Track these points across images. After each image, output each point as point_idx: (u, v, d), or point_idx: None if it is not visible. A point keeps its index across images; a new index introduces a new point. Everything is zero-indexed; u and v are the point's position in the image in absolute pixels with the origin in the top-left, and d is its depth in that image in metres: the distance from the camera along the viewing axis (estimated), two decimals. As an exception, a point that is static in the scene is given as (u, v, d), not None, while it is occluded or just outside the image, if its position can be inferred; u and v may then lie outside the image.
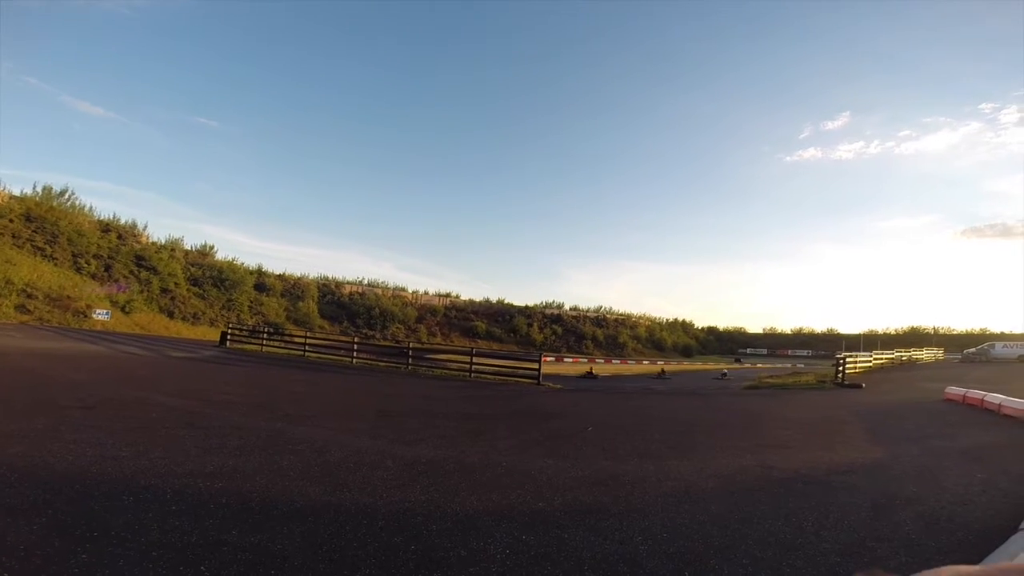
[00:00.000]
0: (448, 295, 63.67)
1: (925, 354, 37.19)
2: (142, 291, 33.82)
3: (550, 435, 7.66)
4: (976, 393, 12.01)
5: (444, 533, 3.51)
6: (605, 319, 69.86)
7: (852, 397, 14.57)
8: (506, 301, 66.34)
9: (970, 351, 38.18)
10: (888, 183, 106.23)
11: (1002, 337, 51.07)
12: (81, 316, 27.51)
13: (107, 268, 33.42)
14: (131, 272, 34.55)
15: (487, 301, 65.73)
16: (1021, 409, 9.61)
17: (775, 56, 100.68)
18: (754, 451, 6.96)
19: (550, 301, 68.85)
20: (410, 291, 60.54)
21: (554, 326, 63.67)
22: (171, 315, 34.70)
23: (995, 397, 11.08)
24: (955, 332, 68.60)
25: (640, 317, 74.85)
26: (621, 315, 72.61)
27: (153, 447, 5.06)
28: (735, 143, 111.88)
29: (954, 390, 13.29)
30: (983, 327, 67.74)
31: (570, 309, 69.16)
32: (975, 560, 3.04)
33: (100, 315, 28.38)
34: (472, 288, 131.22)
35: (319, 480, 4.49)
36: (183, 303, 36.42)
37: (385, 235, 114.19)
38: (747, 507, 4.45)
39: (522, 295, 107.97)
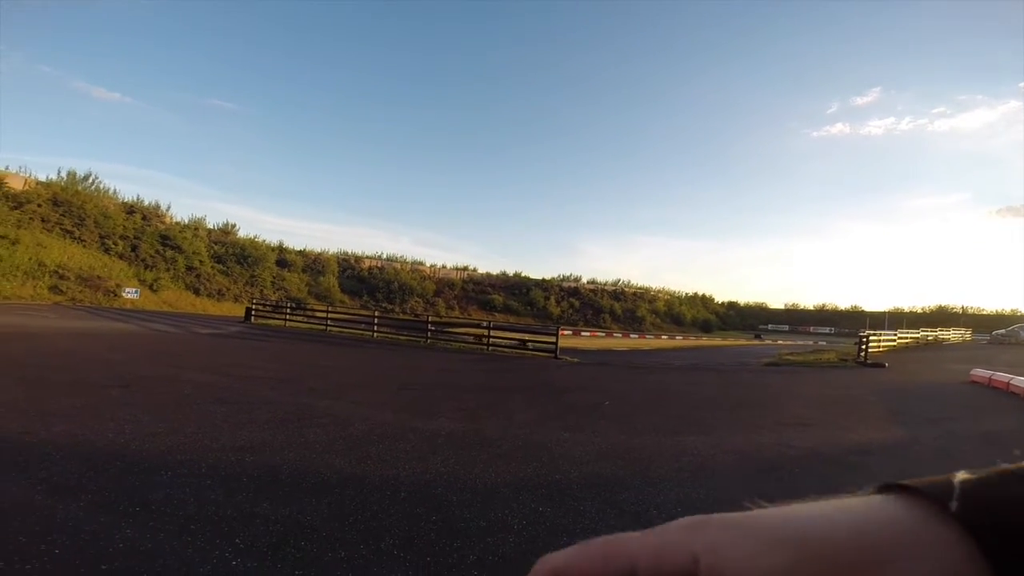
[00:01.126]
0: (465, 268, 63.89)
1: (952, 334, 36.30)
2: (168, 269, 34.70)
3: (567, 408, 7.78)
4: (1002, 376, 11.75)
5: (464, 504, 3.64)
6: (623, 293, 69.43)
7: (874, 376, 14.38)
8: (523, 274, 66.37)
9: (999, 332, 37.06)
10: (919, 160, 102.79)
11: None
12: (111, 295, 28.40)
13: (134, 248, 34.28)
14: (157, 252, 35.39)
15: (504, 274, 65.80)
16: None
17: (803, 30, 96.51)
18: (771, 428, 6.98)
19: (567, 274, 68.62)
20: (428, 265, 60.88)
21: (571, 299, 63.59)
22: (197, 292, 35.62)
23: (1021, 381, 10.85)
24: (984, 312, 66.80)
25: (659, 291, 74.23)
26: (640, 289, 72.07)
27: (187, 423, 5.28)
28: (761, 117, 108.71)
29: (980, 372, 13.02)
30: (1014, 308, 65.80)
31: (588, 282, 68.85)
32: None
33: (129, 293, 29.26)
34: (489, 262, 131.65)
35: (344, 453, 4.66)
36: (208, 280, 37.29)
37: (402, 210, 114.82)
38: (762, 485, 4.50)
39: (539, 268, 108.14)
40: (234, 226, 46.70)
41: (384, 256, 58.83)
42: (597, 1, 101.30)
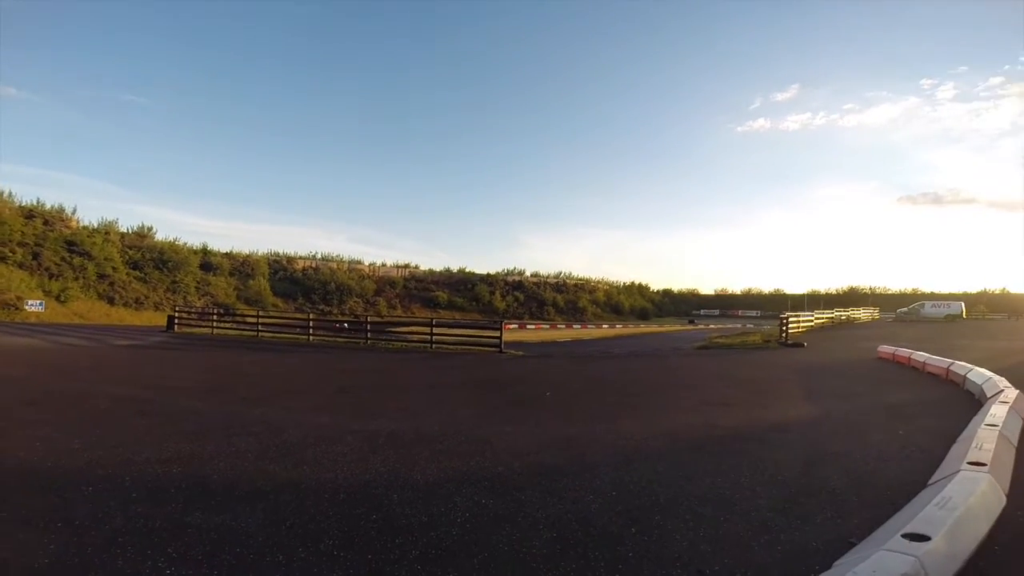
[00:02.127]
0: (407, 266, 62.85)
1: (863, 313, 39.26)
2: (77, 278, 31.81)
3: (510, 401, 7.89)
4: (904, 352, 12.77)
5: (405, 502, 3.64)
6: (565, 284, 70.78)
7: (794, 356, 15.34)
8: (467, 269, 66.22)
9: (903, 310, 40.83)
10: (831, 153, 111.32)
11: (931, 297, 54.68)
12: (12, 308, 25.76)
13: (35, 256, 31.17)
14: (63, 259, 32.34)
15: (447, 271, 65.40)
16: (942, 367, 10.26)
17: (729, 25, 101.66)
18: (700, 410, 7.34)
19: (511, 268, 69.11)
20: (366, 263, 59.37)
21: (516, 293, 64.13)
22: (111, 301, 32.93)
23: (920, 355, 11.79)
24: (890, 292, 73.18)
25: (599, 282, 76.27)
26: (580, 280, 73.69)
27: (106, 437, 5.01)
28: (686, 109, 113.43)
29: (885, 348, 14.10)
30: (915, 287, 72.50)
31: (531, 276, 69.64)
32: (891, 514, 3.23)
33: (33, 306, 26.64)
34: (432, 258, 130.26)
35: (278, 459, 4.53)
36: (123, 288, 34.57)
37: (336, 207, 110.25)
38: (690, 464, 4.72)
39: (483, 263, 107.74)
40: (151, 229, 43.55)
41: (319, 256, 56.82)
42: None
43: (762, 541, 3.16)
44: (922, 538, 2.41)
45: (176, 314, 23.05)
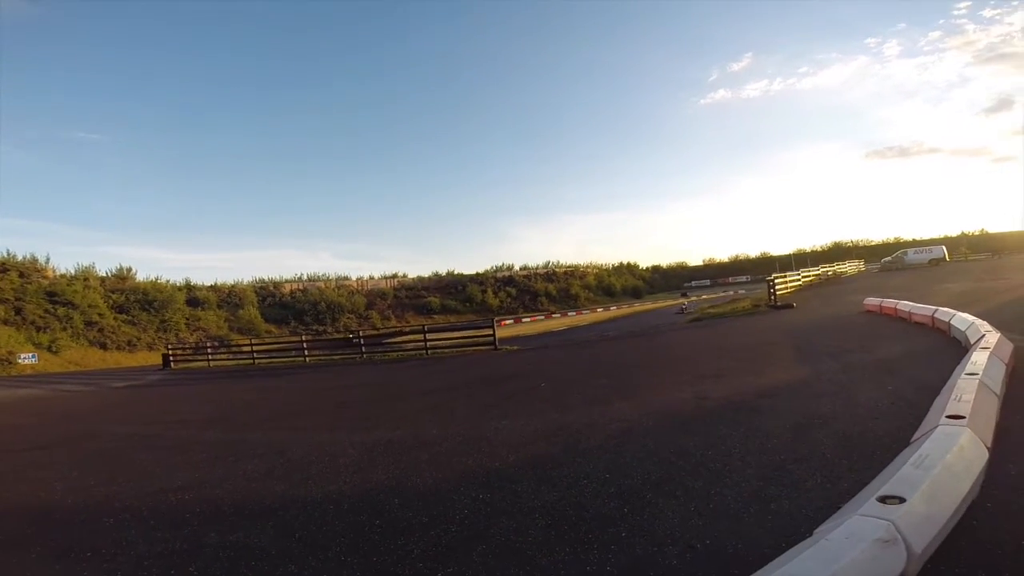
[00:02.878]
0: (395, 276, 62.69)
1: (849, 267, 39.48)
2: (64, 328, 31.50)
3: (505, 397, 8.02)
4: (890, 303, 12.76)
5: (406, 505, 3.79)
6: (555, 273, 70.85)
7: (783, 318, 15.42)
8: (456, 271, 66.12)
9: (887, 260, 41.11)
10: (795, 117, 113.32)
11: (913, 244, 55.36)
12: (5, 363, 25.53)
13: (18, 311, 30.75)
14: (46, 311, 31.94)
15: (437, 275, 65.24)
16: (927, 315, 10.15)
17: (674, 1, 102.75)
18: (691, 383, 7.43)
19: (500, 264, 69.09)
20: (354, 278, 59.14)
21: (508, 288, 64.16)
22: (104, 347, 32.68)
23: (905, 305, 11.74)
24: (873, 243, 74.04)
25: (588, 266, 76.39)
26: (570, 267, 73.77)
27: (118, 473, 5.26)
28: (650, 89, 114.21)
29: (872, 301, 14.05)
30: (896, 236, 73.44)
31: (520, 269, 69.64)
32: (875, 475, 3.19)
33: (26, 359, 26.43)
34: (420, 265, 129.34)
35: (283, 477, 4.70)
36: (113, 333, 34.27)
37: (317, 225, 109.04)
38: (681, 439, 4.81)
39: (472, 262, 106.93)
40: (130, 270, 42.94)
41: (305, 277, 56.49)
42: None
43: (752, 511, 3.20)
44: (898, 499, 2.37)
45: (170, 351, 22.99)
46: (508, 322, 40.49)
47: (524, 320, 45.97)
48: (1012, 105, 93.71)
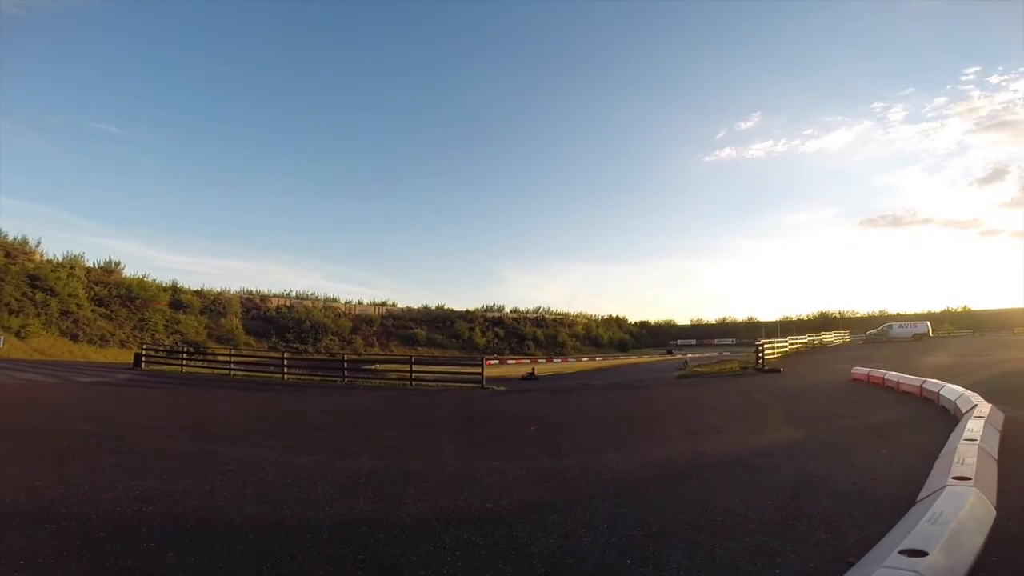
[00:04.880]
0: (384, 304, 62.14)
1: (834, 337, 40.13)
2: (39, 314, 30.52)
3: (494, 437, 7.76)
4: (878, 372, 13.05)
5: (392, 541, 3.50)
6: (544, 319, 70.90)
7: (771, 381, 15.55)
8: (446, 306, 65.79)
9: (872, 332, 41.74)
10: (795, 179, 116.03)
11: (898, 318, 56.67)
12: (-34, 345, 24.50)
13: (-6, 291, 29.88)
14: (24, 295, 31.05)
15: (426, 308, 64.84)
16: (916, 386, 10.50)
17: (689, 58, 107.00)
18: (685, 438, 7.34)
19: (491, 304, 69.01)
20: (343, 301, 58.48)
21: (496, 329, 63.82)
22: (75, 338, 31.55)
23: (893, 375, 12.03)
24: (859, 315, 75.14)
25: (577, 315, 76.65)
26: (559, 315, 73.99)
27: (70, 475, 4.80)
28: (656, 144, 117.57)
29: (859, 370, 14.35)
30: (882, 309, 74.91)
31: (510, 311, 69.62)
32: (884, 532, 3.29)
33: (-10, 342, 25.39)
34: (409, 295, 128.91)
35: (255, 499, 4.34)
36: (88, 325, 33.23)
37: (312, 244, 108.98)
38: (680, 493, 4.69)
39: (462, 299, 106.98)
40: (118, 264, 42.23)
41: (293, 294, 55.80)
42: (490, 35, 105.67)
43: (759, 565, 3.14)
44: (920, 553, 2.44)
45: (144, 351, 22.26)
46: (493, 362, 39.93)
47: (509, 362, 45.44)
48: (1005, 176, 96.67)
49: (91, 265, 40.40)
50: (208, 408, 10.75)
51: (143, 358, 21.52)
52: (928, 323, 41.06)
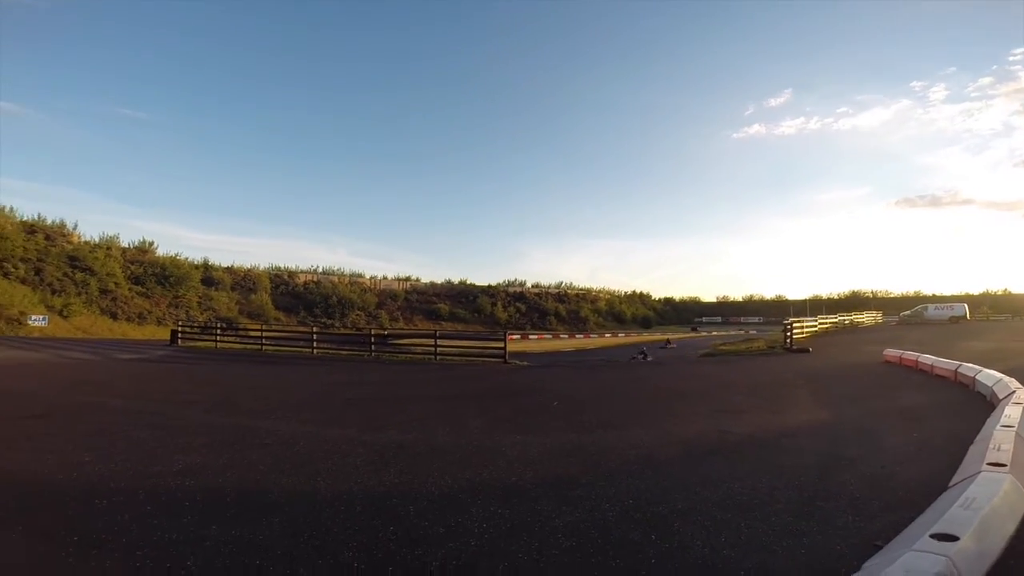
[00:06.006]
0: (408, 279, 62.90)
1: (866, 317, 39.05)
2: (79, 293, 31.83)
3: (518, 411, 7.85)
4: (911, 355, 12.66)
5: (421, 512, 3.61)
6: (567, 295, 70.76)
7: (800, 361, 15.20)
8: (468, 281, 66.28)
9: (906, 313, 40.48)
10: (827, 157, 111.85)
11: (934, 299, 54.73)
12: (15, 323, 25.78)
13: (38, 272, 31.20)
14: (65, 275, 32.36)
15: (449, 283, 65.41)
16: (951, 370, 10.16)
17: (719, 34, 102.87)
18: (710, 417, 7.31)
19: (512, 279, 69.16)
20: (368, 277, 59.46)
21: (518, 304, 64.07)
22: (114, 316, 32.92)
23: (927, 358, 11.67)
24: (892, 295, 72.98)
25: (600, 291, 76.28)
26: (582, 290, 73.72)
27: (116, 450, 4.97)
28: (684, 120, 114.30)
29: (892, 352, 13.96)
30: (917, 290, 72.37)
31: (532, 287, 69.66)
32: (915, 516, 3.27)
33: (37, 321, 26.65)
34: (433, 270, 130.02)
35: (291, 471, 4.51)
36: (126, 303, 34.58)
37: (338, 221, 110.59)
38: (705, 471, 4.69)
39: (484, 274, 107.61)
40: (152, 244, 43.68)
41: (320, 270, 56.91)
42: (526, 11, 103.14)
43: (785, 545, 3.15)
44: (951, 538, 2.44)
45: (179, 328, 23.10)
46: (515, 337, 40.13)
47: (531, 337, 45.63)
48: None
49: (126, 245, 41.86)
50: (242, 383, 11.14)
51: (179, 335, 22.33)
52: (965, 305, 39.59)
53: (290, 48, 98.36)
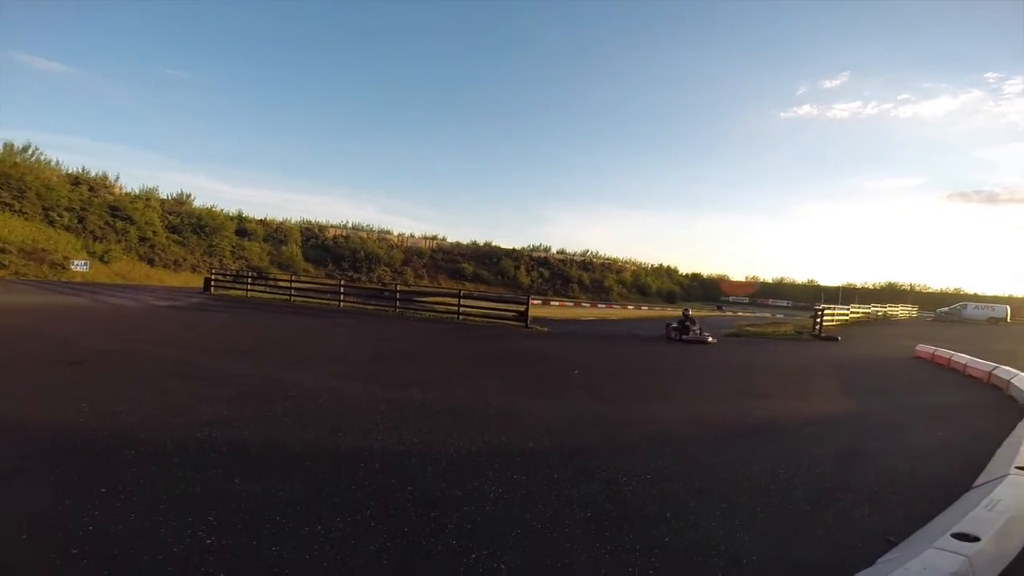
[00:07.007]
0: (434, 237, 62.99)
1: (900, 311, 37.80)
2: (119, 240, 32.97)
3: (538, 377, 7.88)
4: (944, 352, 12.27)
5: (439, 474, 3.66)
6: (591, 263, 69.99)
7: (828, 350, 14.91)
8: (493, 243, 65.91)
9: (943, 310, 38.88)
10: (880, 144, 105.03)
11: (975, 298, 51.83)
12: (59, 268, 26.85)
13: (81, 220, 32.31)
14: (106, 223, 33.50)
15: (474, 243, 65.27)
16: (984, 370, 9.86)
17: (775, 9, 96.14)
18: (733, 398, 7.23)
19: (537, 244, 68.41)
20: (395, 233, 59.78)
21: (541, 269, 63.75)
22: (151, 263, 34.02)
23: (961, 357, 11.31)
24: (930, 290, 69.33)
25: (626, 262, 75.12)
26: (607, 259, 72.75)
27: (147, 400, 5.08)
28: (729, 95, 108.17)
29: (924, 348, 13.55)
30: (957, 287, 68.64)
31: (557, 252, 69.00)
32: (933, 515, 3.23)
33: (78, 266, 27.70)
34: (458, 230, 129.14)
35: (314, 426, 4.61)
36: (163, 251, 35.66)
37: (367, 178, 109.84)
38: (725, 452, 4.66)
39: (509, 237, 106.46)
40: (189, 196, 44.56)
41: (349, 224, 57.34)
42: None
43: (800, 534, 3.15)
44: (972, 538, 2.47)
45: (213, 276, 23.72)
46: (537, 302, 39.88)
47: (552, 303, 45.42)
48: None
49: (165, 197, 42.82)
50: (271, 333, 11.42)
51: (212, 282, 22.95)
52: (1008, 307, 37.63)
53: (324, 19, 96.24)
